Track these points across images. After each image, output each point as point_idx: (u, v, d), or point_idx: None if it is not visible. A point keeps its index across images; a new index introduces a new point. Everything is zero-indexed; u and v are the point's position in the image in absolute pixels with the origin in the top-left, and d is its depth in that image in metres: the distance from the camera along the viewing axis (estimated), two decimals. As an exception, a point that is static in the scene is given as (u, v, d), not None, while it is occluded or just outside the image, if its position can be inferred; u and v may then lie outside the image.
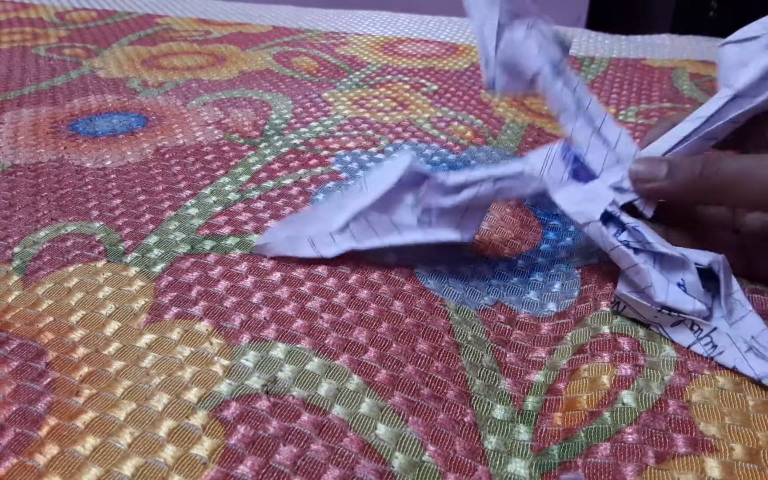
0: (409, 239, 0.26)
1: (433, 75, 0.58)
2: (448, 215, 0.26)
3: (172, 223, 0.32)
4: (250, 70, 0.58)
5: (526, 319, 0.26)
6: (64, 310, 0.25)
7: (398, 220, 0.27)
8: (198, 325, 0.24)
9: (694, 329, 0.23)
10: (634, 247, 0.24)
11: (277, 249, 0.28)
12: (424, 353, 0.24)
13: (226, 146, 0.41)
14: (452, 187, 0.26)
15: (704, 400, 0.21)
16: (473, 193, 0.26)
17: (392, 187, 0.26)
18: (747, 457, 0.19)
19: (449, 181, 0.26)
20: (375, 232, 0.26)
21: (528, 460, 0.20)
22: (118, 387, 0.22)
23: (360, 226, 0.27)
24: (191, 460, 0.19)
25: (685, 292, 0.23)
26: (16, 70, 0.57)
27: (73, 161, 0.39)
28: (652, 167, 0.26)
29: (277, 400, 0.21)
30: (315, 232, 0.27)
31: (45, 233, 0.31)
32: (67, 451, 0.19)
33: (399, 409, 0.21)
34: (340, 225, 0.27)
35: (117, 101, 0.49)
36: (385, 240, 0.26)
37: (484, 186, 0.26)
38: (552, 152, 0.27)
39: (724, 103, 0.25)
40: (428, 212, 0.26)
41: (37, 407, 0.21)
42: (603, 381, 0.22)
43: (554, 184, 0.27)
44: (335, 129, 0.44)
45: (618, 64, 0.62)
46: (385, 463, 0.19)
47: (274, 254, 0.28)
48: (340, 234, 0.27)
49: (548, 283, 0.28)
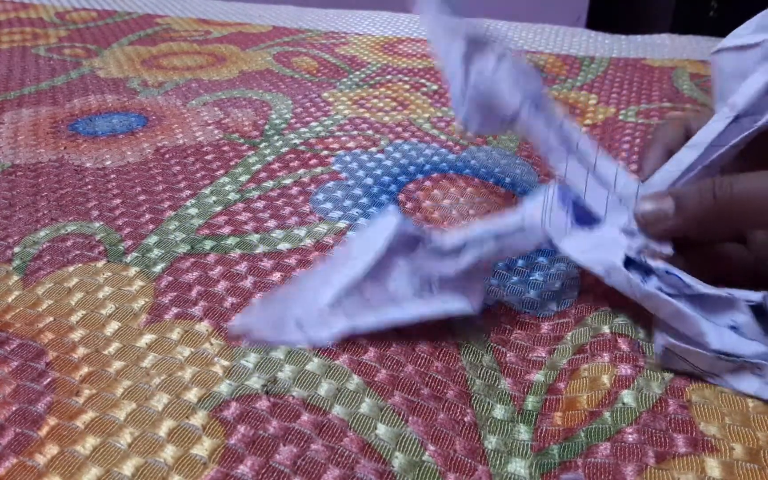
0: (412, 314, 0.23)
1: (433, 75, 0.58)
2: (450, 282, 0.24)
3: (172, 223, 0.32)
4: (250, 70, 0.58)
5: (526, 319, 0.26)
6: (64, 310, 0.25)
7: (395, 289, 0.24)
8: (198, 325, 0.24)
9: (757, 373, 0.21)
10: (667, 292, 0.22)
11: (258, 332, 0.23)
12: (424, 353, 0.24)
13: (226, 146, 0.41)
14: (451, 250, 0.24)
15: (704, 400, 0.21)
16: (476, 257, 0.23)
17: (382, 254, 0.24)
18: (747, 456, 0.19)
19: (447, 245, 0.24)
20: (371, 306, 0.23)
21: (528, 460, 0.20)
22: (118, 387, 0.22)
23: (353, 301, 0.23)
24: (191, 460, 0.19)
25: (741, 335, 0.21)
26: (16, 70, 0.57)
27: (73, 161, 0.39)
28: (659, 204, 0.23)
29: (277, 400, 0.21)
30: (301, 312, 0.23)
31: (45, 233, 0.31)
32: (67, 451, 0.19)
33: (399, 409, 0.21)
34: (328, 300, 0.23)
35: (117, 101, 0.49)
36: (383, 316, 0.23)
37: (486, 247, 0.23)
38: (549, 198, 0.25)
39: (725, 126, 0.24)
40: (428, 281, 0.24)
41: (37, 407, 0.21)
42: (603, 381, 0.22)
43: (558, 233, 0.24)
44: (335, 129, 0.44)
45: (618, 63, 0.62)
46: (385, 462, 0.19)
47: (253, 339, 0.23)
48: (330, 311, 0.23)
49: (548, 282, 0.28)
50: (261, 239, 0.30)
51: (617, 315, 0.25)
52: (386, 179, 0.36)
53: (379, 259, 0.23)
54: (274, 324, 0.23)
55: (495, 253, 0.24)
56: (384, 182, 0.36)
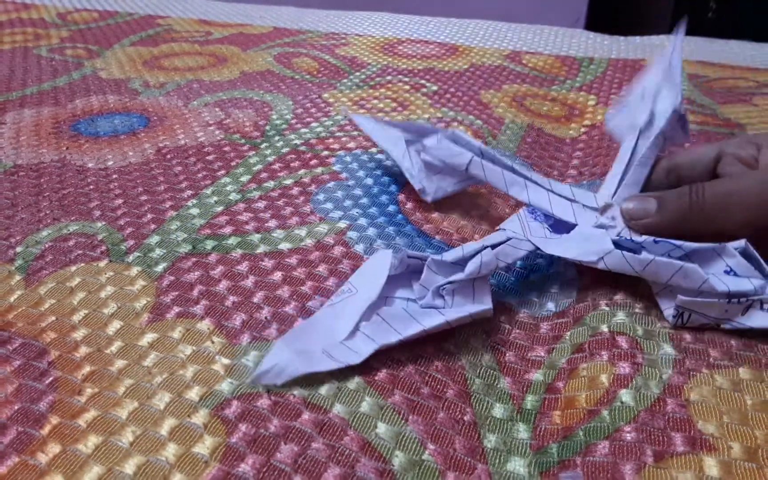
0: (432, 324, 0.23)
1: (433, 76, 0.58)
2: (461, 291, 0.25)
3: (173, 223, 0.32)
4: (251, 70, 0.58)
5: (525, 319, 0.26)
6: (66, 309, 0.25)
7: (408, 309, 0.24)
8: (199, 324, 0.25)
9: (765, 308, 0.23)
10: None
11: (290, 370, 0.22)
12: (424, 353, 0.24)
13: (227, 146, 0.41)
14: (453, 262, 0.25)
15: (702, 398, 0.21)
16: (478, 264, 0.25)
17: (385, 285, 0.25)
18: (745, 455, 0.19)
19: (447, 258, 0.25)
20: (392, 327, 0.23)
21: (527, 459, 0.20)
22: (120, 386, 0.22)
23: (374, 326, 0.23)
24: (193, 459, 0.19)
25: (736, 276, 0.23)
26: (18, 70, 0.57)
27: (75, 161, 0.39)
28: (643, 203, 0.27)
29: (278, 399, 0.21)
30: (324, 344, 0.23)
31: (47, 233, 0.31)
32: (69, 450, 0.19)
33: (399, 408, 0.21)
34: (346, 333, 0.23)
35: (119, 102, 0.49)
36: (406, 332, 0.23)
37: (485, 255, 0.25)
38: (523, 218, 0.29)
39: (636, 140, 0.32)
40: (440, 294, 0.25)
41: (39, 406, 0.21)
42: (602, 380, 0.22)
43: (541, 240, 0.27)
44: (335, 129, 0.44)
45: (617, 64, 0.63)
46: (385, 461, 0.19)
47: (285, 379, 0.22)
48: (352, 341, 0.23)
49: (547, 283, 0.28)
50: (262, 239, 0.31)
51: (616, 314, 0.25)
52: (386, 179, 0.37)
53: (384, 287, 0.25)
54: (303, 358, 0.22)
55: (494, 260, 0.25)
56: (384, 182, 0.36)
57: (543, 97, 0.53)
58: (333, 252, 0.30)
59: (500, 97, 0.52)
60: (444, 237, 0.31)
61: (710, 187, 0.26)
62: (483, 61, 0.63)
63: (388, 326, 0.23)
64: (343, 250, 0.30)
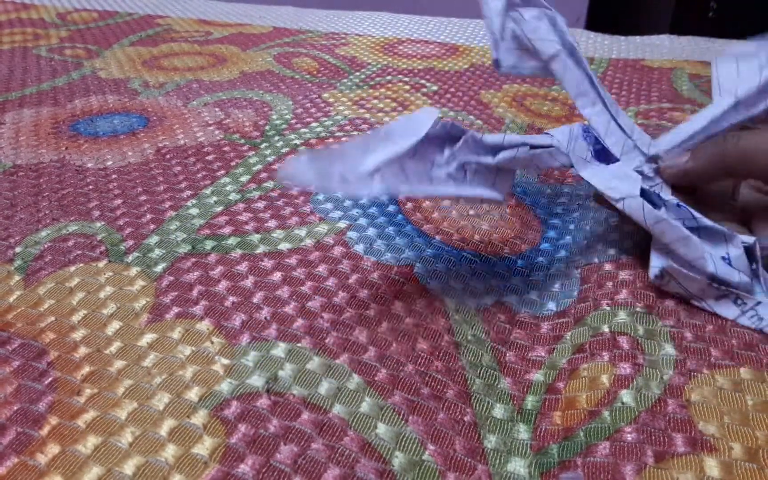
0: (442, 192, 0.25)
1: (433, 75, 0.58)
2: (483, 174, 0.26)
3: (173, 223, 0.32)
4: (251, 70, 0.58)
5: (525, 319, 0.26)
6: (65, 309, 0.25)
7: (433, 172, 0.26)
8: (199, 324, 0.25)
9: (738, 303, 0.24)
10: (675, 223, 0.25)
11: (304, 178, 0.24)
12: (424, 353, 0.24)
13: (227, 146, 0.41)
14: (490, 146, 0.26)
15: (703, 399, 0.21)
16: (512, 156, 0.26)
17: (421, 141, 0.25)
18: (746, 456, 0.19)
19: (488, 140, 0.26)
20: (407, 178, 0.24)
21: (527, 459, 0.20)
22: (120, 386, 0.22)
23: (392, 172, 0.24)
24: (192, 459, 0.19)
25: (730, 265, 0.24)
26: (18, 70, 0.57)
27: (75, 161, 0.39)
28: (677, 153, 0.28)
29: (278, 399, 0.21)
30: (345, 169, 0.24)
31: (46, 233, 0.31)
32: (68, 451, 0.19)
33: (399, 409, 0.21)
34: (369, 168, 0.24)
35: (118, 102, 0.49)
36: (416, 188, 0.25)
37: (521, 151, 0.26)
38: (574, 132, 0.28)
39: (726, 108, 0.28)
40: (462, 169, 0.26)
41: (38, 406, 0.21)
42: (602, 380, 0.22)
43: (579, 161, 0.27)
44: (335, 129, 0.44)
45: (617, 64, 0.63)
46: (385, 462, 0.19)
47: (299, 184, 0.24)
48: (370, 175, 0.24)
49: (548, 282, 0.28)
50: (262, 239, 0.30)
51: (617, 314, 0.25)
52: (386, 179, 0.37)
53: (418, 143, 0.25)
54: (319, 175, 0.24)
55: (527, 159, 0.26)
56: (384, 182, 0.36)
57: (543, 96, 0.53)
58: (333, 252, 0.29)
59: (500, 96, 0.52)
60: (444, 237, 0.31)
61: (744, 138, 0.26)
62: (483, 61, 0.63)
63: (405, 177, 0.24)
64: (343, 251, 0.30)
